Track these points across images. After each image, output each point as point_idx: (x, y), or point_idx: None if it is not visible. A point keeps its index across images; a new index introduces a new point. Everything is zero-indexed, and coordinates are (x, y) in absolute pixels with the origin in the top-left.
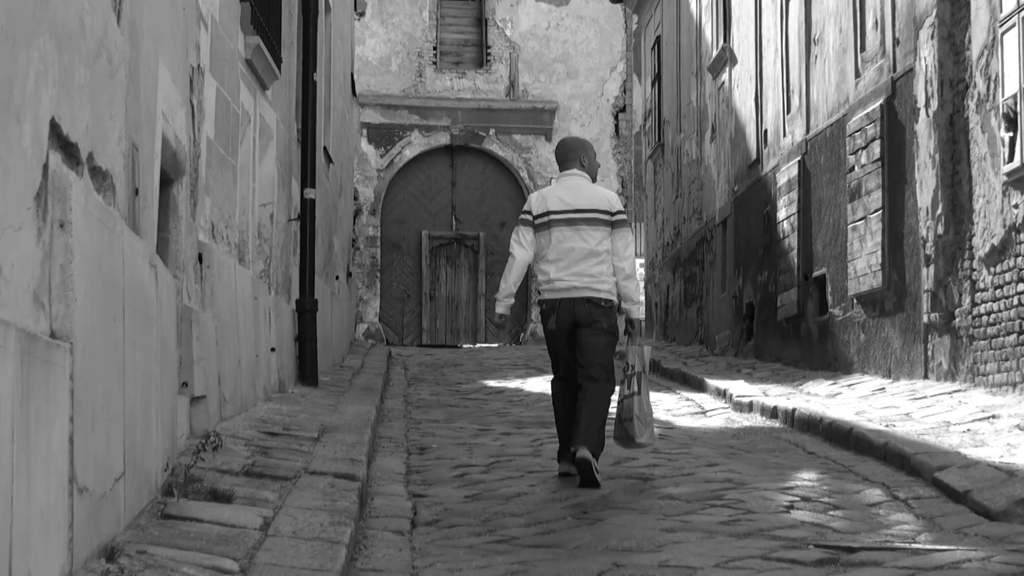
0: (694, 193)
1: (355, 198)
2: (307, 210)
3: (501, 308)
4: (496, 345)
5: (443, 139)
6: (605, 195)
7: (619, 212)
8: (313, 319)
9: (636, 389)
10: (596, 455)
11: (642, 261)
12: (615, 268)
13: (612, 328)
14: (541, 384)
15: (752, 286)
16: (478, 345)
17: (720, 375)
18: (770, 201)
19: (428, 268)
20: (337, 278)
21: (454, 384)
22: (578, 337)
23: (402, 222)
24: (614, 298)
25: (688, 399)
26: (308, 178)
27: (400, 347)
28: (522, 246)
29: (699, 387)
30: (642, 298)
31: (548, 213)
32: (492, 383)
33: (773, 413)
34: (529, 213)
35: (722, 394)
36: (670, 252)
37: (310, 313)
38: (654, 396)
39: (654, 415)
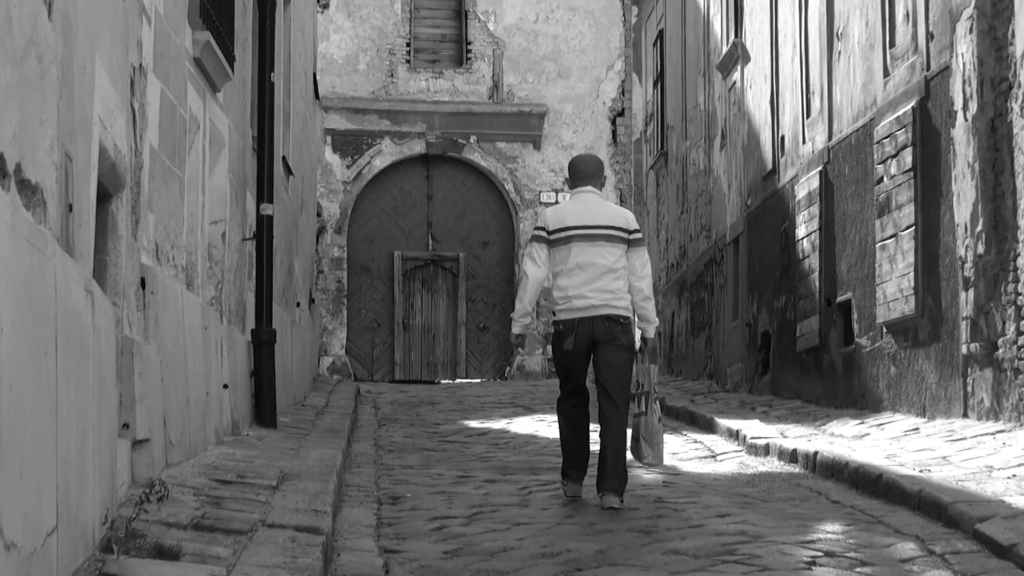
0: (702, 208)
1: (318, 214)
2: (264, 228)
3: (517, 328)
4: (478, 381)
5: (418, 147)
6: (622, 213)
7: (636, 231)
8: (271, 352)
9: (643, 409)
10: (622, 492)
11: None
12: (633, 288)
13: (631, 345)
14: (529, 424)
15: (768, 313)
16: (458, 381)
17: (732, 414)
18: (788, 217)
19: (401, 294)
20: (298, 305)
21: (431, 425)
22: (599, 355)
23: (372, 241)
24: (631, 315)
25: (696, 441)
26: (265, 192)
27: (370, 383)
28: (536, 264)
29: (708, 428)
30: (657, 319)
31: (567, 228)
32: (474, 424)
33: (792, 457)
34: (544, 229)
35: (734, 435)
36: (675, 275)
37: (268, 345)
38: None
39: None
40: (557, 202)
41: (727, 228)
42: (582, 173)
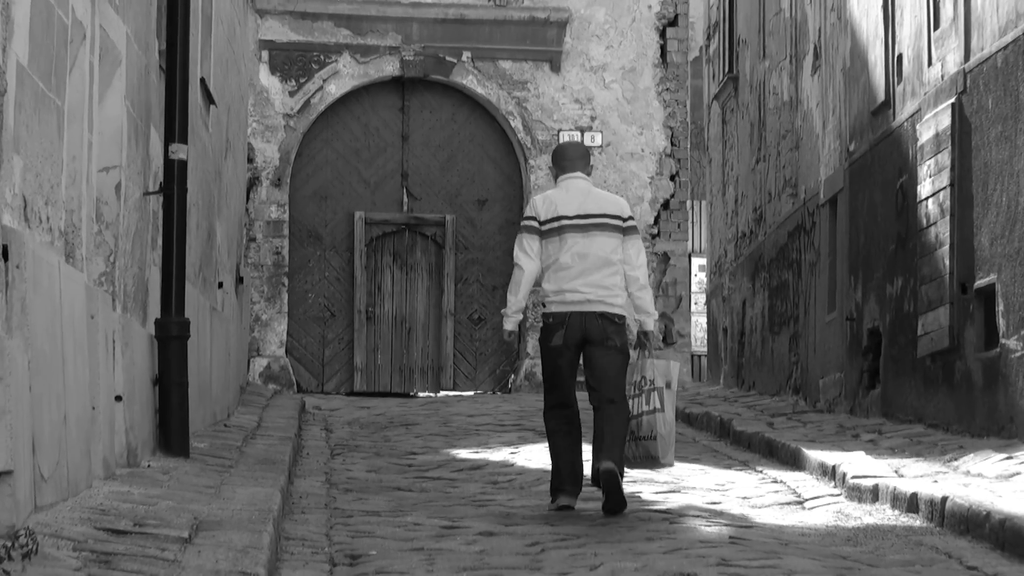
0: (785, 155)
1: (250, 160)
2: (175, 178)
3: (510, 325)
4: (471, 394)
5: (389, 67)
6: (616, 200)
7: (630, 218)
8: (182, 351)
9: (659, 405)
10: (622, 469)
11: (702, 263)
12: (628, 278)
13: (624, 347)
14: (542, 455)
15: (878, 303)
16: (443, 393)
17: (826, 443)
18: (906, 168)
19: (365, 271)
20: (221, 286)
21: (404, 455)
22: (589, 357)
23: (323, 198)
24: (627, 315)
25: (776, 481)
26: (176, 128)
27: (319, 396)
28: (528, 256)
29: (793, 462)
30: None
31: (560, 218)
32: (465, 454)
33: (911, 504)
34: (534, 219)
35: (829, 473)
36: (746, 248)
37: (178, 341)
38: (721, 473)
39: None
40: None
41: (820, 184)
42: (569, 158)
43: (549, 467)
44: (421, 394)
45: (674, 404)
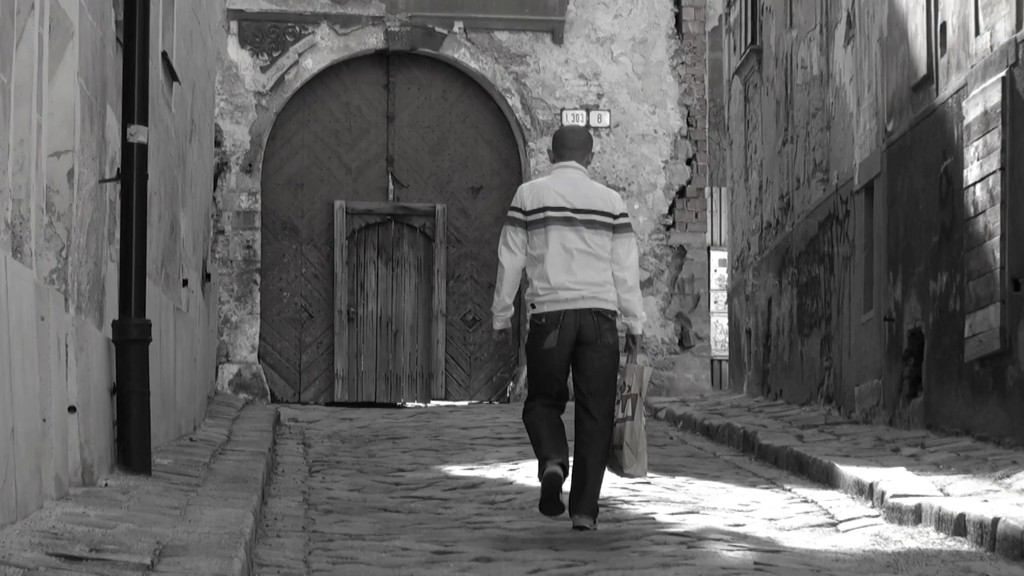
0: (815, 135)
1: (217, 144)
2: (134, 164)
3: (499, 324)
4: (465, 404)
5: (372, 39)
6: (608, 194)
7: (622, 215)
8: (143, 356)
9: (630, 413)
10: (596, 514)
11: (722, 256)
12: (616, 280)
13: (616, 346)
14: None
15: (919, 301)
16: (434, 403)
17: (863, 458)
18: (952, 150)
19: (346, 267)
20: (186, 284)
21: (391, 472)
22: (581, 358)
23: (300, 186)
24: (618, 310)
25: (806, 500)
26: (136, 108)
27: (296, 406)
28: (512, 251)
29: (825, 479)
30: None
31: (544, 209)
32: (458, 470)
33: (958, 526)
34: (519, 210)
35: (866, 492)
36: (772, 240)
37: (138, 345)
38: (745, 492)
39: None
40: (588, 125)
41: (855, 168)
42: (568, 145)
43: None
44: (409, 404)
45: (643, 411)
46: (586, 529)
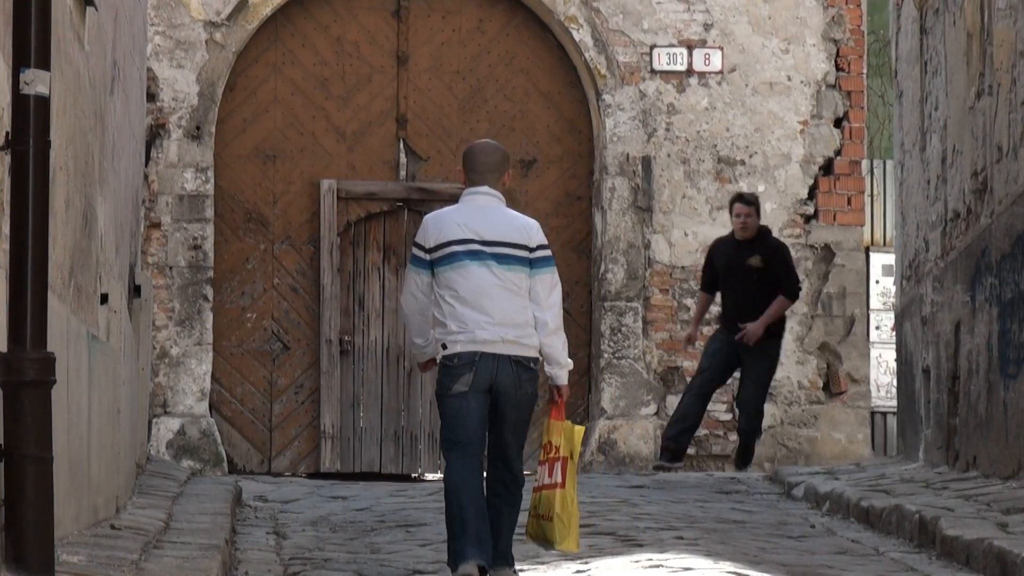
0: None
1: (151, 97)
2: (29, 126)
3: (427, 356)
4: None
5: None
6: (525, 223)
7: (540, 247)
8: (44, 405)
9: (559, 480)
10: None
11: (887, 261)
12: (537, 321)
13: (535, 394)
14: (627, 572)
15: None
16: None
17: None
18: None
19: (338, 276)
20: (105, 299)
21: None
22: (499, 408)
23: (271, 158)
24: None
25: None
26: (32, 48)
27: (266, 478)
28: (415, 296)
29: None
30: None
31: (448, 244)
32: None
33: None
34: (422, 248)
35: None
36: (959, 237)
37: (35, 390)
38: None
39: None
40: (690, 70)
41: None
42: (478, 168)
43: None
44: (429, 476)
45: (576, 478)
46: None
